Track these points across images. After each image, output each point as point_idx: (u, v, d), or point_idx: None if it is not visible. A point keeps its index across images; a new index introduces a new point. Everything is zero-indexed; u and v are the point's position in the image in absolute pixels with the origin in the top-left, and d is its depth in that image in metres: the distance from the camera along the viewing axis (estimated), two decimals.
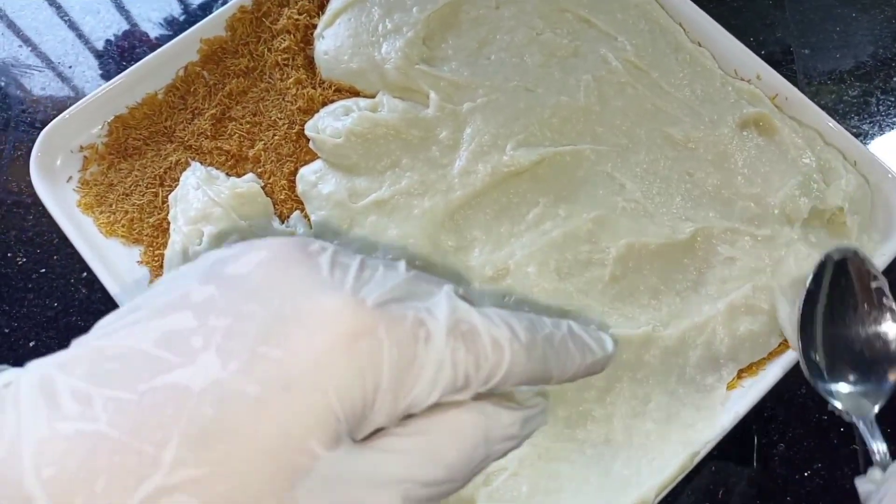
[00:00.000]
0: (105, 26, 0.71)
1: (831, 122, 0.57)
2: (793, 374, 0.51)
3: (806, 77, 0.65)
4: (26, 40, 0.69)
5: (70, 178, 0.57)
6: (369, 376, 0.25)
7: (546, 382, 0.30)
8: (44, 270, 0.60)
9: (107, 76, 0.68)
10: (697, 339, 0.52)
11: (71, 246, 0.56)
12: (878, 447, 0.44)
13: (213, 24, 0.60)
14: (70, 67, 0.68)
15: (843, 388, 0.47)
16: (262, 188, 0.56)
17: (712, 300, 0.53)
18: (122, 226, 0.55)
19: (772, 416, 0.56)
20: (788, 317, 0.50)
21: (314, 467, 0.24)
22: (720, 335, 0.52)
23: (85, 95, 0.58)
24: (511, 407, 0.29)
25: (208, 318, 0.25)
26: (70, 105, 0.57)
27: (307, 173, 0.56)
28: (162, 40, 0.68)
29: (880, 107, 0.66)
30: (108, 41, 0.70)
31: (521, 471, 0.49)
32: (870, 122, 0.65)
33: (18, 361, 0.25)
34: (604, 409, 0.51)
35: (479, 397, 0.28)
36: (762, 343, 0.52)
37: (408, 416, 0.27)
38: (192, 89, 0.60)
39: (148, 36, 0.70)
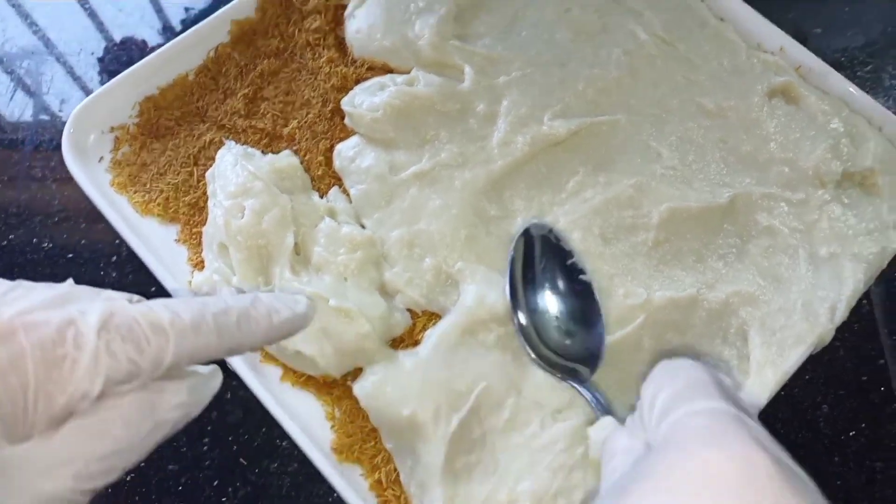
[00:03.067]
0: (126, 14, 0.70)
1: (854, 90, 0.58)
2: None
3: (818, 55, 0.66)
4: (46, 27, 0.68)
5: (101, 158, 0.56)
6: (13, 377, 0.27)
7: (240, 350, 0.35)
8: (71, 255, 0.58)
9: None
10: (741, 308, 0.52)
11: (98, 230, 0.55)
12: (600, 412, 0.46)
13: (242, 6, 0.60)
14: (92, 54, 0.67)
15: (554, 356, 0.49)
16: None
17: (754, 271, 0.53)
18: (158, 205, 0.55)
19: (812, 378, 0.56)
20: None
21: None
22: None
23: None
24: (174, 378, 0.32)
25: None
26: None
27: (344, 149, 0.56)
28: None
29: (893, 81, 0.68)
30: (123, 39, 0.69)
31: (574, 445, 0.48)
32: (884, 97, 0.67)
33: None
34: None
35: None
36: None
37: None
38: (223, 70, 0.60)
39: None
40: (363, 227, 0.54)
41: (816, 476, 0.52)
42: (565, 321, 0.50)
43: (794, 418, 0.55)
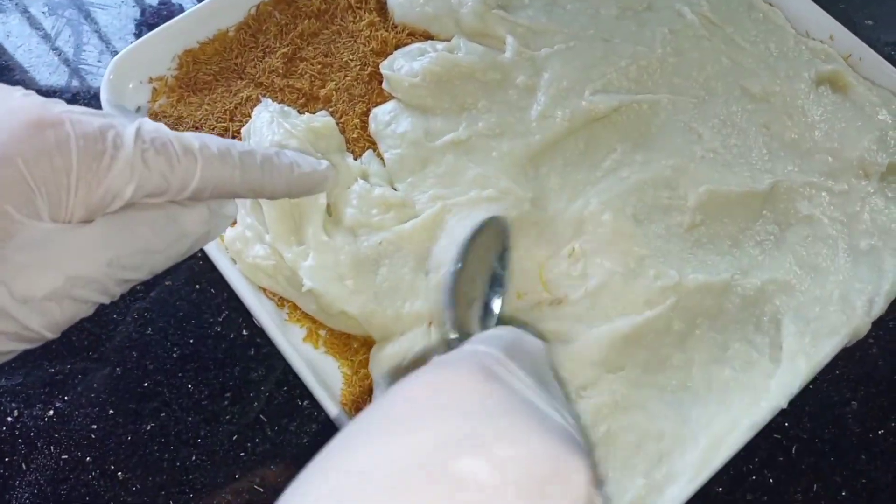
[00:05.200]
0: None
1: None
2: None
3: (870, 47, 0.64)
4: None
5: (139, 108, 0.56)
6: (58, 158, 0.29)
7: (262, 192, 0.38)
8: None
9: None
10: (776, 296, 0.51)
11: None
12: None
13: None
14: (133, 7, 0.67)
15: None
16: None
17: (791, 260, 0.52)
18: None
19: (843, 373, 0.55)
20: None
21: (16, 232, 0.28)
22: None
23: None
24: (194, 202, 0.35)
25: None
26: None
27: (381, 113, 0.56)
28: None
29: None
30: None
31: (598, 423, 0.47)
32: None
33: None
34: (683, 353, 0.50)
35: None
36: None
37: None
38: (263, 28, 0.59)
39: None
40: (395, 190, 0.53)
41: (842, 473, 0.51)
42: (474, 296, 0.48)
43: (821, 413, 0.54)
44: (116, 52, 0.56)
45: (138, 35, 0.65)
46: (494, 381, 0.30)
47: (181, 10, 0.67)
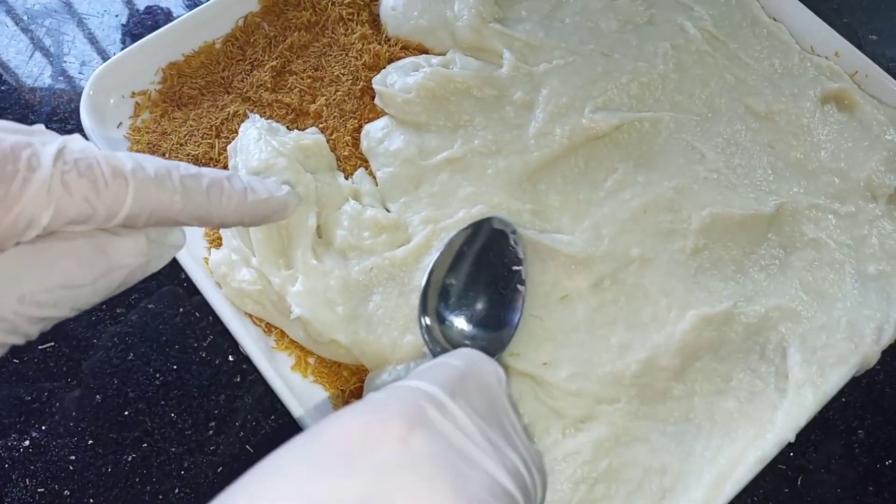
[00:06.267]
0: None
1: None
2: None
3: (874, 62, 0.63)
4: None
5: (120, 123, 0.54)
6: None
7: (209, 220, 0.34)
8: None
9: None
10: (780, 323, 0.49)
11: None
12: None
13: None
14: (116, 16, 0.65)
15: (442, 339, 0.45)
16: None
17: (797, 285, 0.50)
18: None
19: (849, 401, 0.53)
20: None
21: None
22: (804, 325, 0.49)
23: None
24: (129, 230, 0.32)
25: None
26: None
27: (373, 130, 0.54)
28: None
29: None
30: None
31: (599, 457, 0.45)
32: None
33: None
34: (684, 385, 0.48)
35: None
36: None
37: None
38: (251, 40, 0.57)
39: None
40: (388, 211, 0.51)
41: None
42: (475, 322, 0.46)
43: (827, 442, 0.52)
44: (97, 64, 0.54)
45: (122, 46, 0.63)
46: (420, 431, 0.27)
47: (167, 19, 0.65)
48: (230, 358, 0.52)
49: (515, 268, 0.47)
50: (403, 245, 0.49)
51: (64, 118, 0.60)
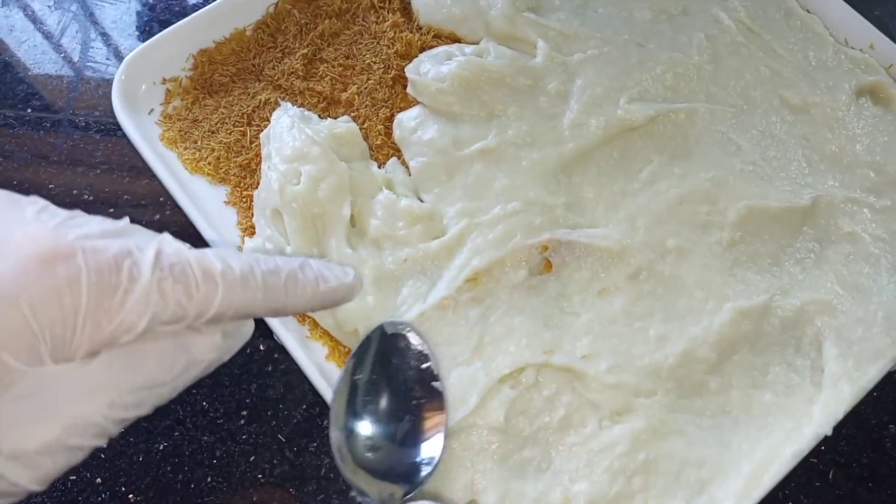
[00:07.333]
0: None
1: None
2: None
3: None
4: None
5: (152, 110, 0.54)
6: (67, 298, 0.26)
7: (283, 311, 0.34)
8: (112, 210, 0.56)
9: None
10: (816, 317, 0.49)
11: (141, 185, 0.52)
12: None
13: None
14: (143, 2, 0.64)
15: (367, 477, 0.42)
16: None
17: (833, 279, 0.50)
18: (209, 163, 0.52)
19: (881, 396, 0.53)
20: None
21: (15, 381, 0.26)
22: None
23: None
24: (209, 326, 0.32)
25: None
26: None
27: (406, 119, 0.53)
28: None
29: None
30: None
31: (636, 450, 0.45)
32: None
33: None
34: (721, 378, 0.48)
35: None
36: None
37: None
38: (282, 27, 0.57)
39: None
40: (421, 201, 0.51)
41: (881, 500, 0.49)
42: (383, 436, 0.42)
43: (859, 436, 0.52)
44: (125, 50, 0.54)
45: (148, 32, 0.62)
46: None
47: (193, 6, 0.64)
48: (261, 347, 0.52)
49: (424, 365, 0.45)
50: (437, 237, 0.49)
51: (91, 104, 0.59)
